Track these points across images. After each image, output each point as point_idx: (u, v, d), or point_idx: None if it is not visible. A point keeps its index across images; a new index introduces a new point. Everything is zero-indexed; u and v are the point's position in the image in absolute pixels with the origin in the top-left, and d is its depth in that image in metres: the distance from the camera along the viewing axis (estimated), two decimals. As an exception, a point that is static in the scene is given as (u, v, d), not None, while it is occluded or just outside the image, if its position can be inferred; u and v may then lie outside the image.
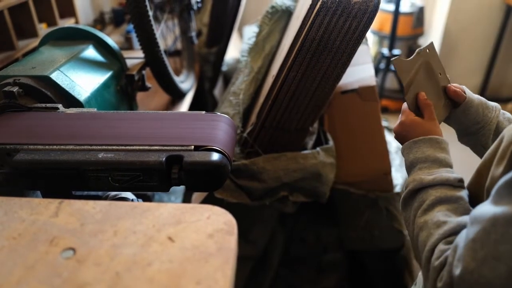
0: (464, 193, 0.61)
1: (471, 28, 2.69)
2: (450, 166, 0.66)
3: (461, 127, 0.78)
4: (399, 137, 0.73)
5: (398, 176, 1.24)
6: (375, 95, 1.17)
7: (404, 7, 2.58)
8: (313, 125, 1.08)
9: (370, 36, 2.76)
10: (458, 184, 0.61)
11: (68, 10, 1.53)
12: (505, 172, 0.50)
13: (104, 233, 0.49)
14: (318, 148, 1.08)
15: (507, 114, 0.78)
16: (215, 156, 0.62)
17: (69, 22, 1.49)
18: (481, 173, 0.60)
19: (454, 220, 0.56)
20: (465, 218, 0.55)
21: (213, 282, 0.43)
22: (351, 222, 1.27)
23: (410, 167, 0.68)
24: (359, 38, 0.86)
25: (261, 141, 1.06)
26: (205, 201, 1.09)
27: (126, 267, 0.45)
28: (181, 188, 1.59)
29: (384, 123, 1.35)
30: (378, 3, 0.81)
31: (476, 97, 0.77)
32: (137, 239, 0.49)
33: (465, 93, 0.77)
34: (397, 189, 1.20)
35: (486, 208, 0.46)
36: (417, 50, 0.76)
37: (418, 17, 2.60)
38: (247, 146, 1.08)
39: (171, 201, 1.59)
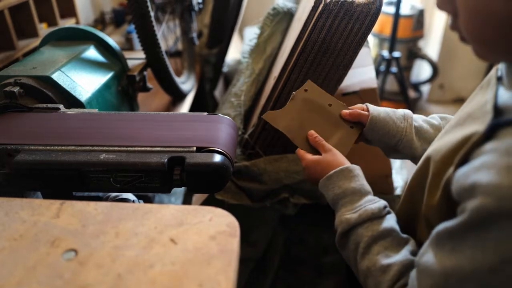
0: (392, 220, 0.60)
1: (471, 31, 2.69)
2: (369, 192, 0.65)
3: (381, 145, 0.77)
4: (312, 181, 0.71)
5: (399, 179, 1.24)
6: (376, 97, 1.17)
7: (404, 10, 2.58)
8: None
9: (370, 38, 2.76)
10: (384, 212, 0.61)
11: (69, 10, 1.53)
12: (440, 203, 0.49)
13: (106, 235, 0.49)
14: (319, 150, 1.08)
15: (422, 117, 0.76)
16: (217, 158, 0.62)
17: (69, 22, 1.49)
18: (413, 191, 0.59)
19: (397, 261, 0.55)
20: (405, 254, 0.55)
21: (215, 284, 0.43)
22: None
23: (333, 204, 0.67)
24: (361, 40, 0.86)
25: (262, 143, 1.05)
26: (205, 202, 1.09)
27: (128, 268, 0.45)
28: (182, 189, 1.59)
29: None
30: (380, 6, 0.81)
31: (383, 110, 0.75)
32: (139, 240, 0.48)
33: (368, 110, 0.75)
34: (398, 191, 1.20)
35: (431, 259, 0.45)
36: (292, 94, 0.76)
37: (418, 19, 2.61)
38: (248, 147, 1.07)
39: (171, 202, 1.59)
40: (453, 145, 0.47)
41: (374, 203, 0.62)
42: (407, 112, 0.76)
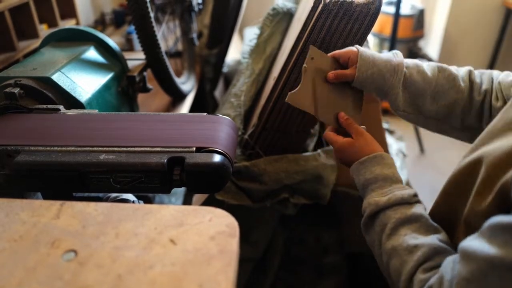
0: (421, 208, 0.60)
1: (471, 31, 2.70)
2: (400, 181, 0.65)
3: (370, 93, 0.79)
4: (344, 163, 0.73)
5: (399, 179, 1.24)
6: (376, 98, 1.17)
7: (405, 10, 2.58)
8: (314, 127, 1.08)
9: (370, 38, 2.76)
10: (413, 199, 0.61)
11: (69, 11, 1.53)
12: (491, 208, 0.47)
13: (106, 235, 0.49)
14: (319, 150, 1.08)
15: (418, 65, 0.75)
16: (217, 158, 0.62)
17: (69, 23, 1.49)
18: (451, 196, 0.58)
19: (425, 242, 0.54)
20: (434, 239, 0.54)
21: (215, 284, 0.43)
22: (352, 224, 1.26)
23: (362, 189, 0.68)
24: (361, 40, 0.86)
25: (262, 143, 1.05)
26: (205, 203, 1.09)
27: (128, 269, 0.45)
28: (182, 189, 1.59)
29: (384, 125, 1.35)
30: (380, 6, 0.81)
31: (372, 63, 0.73)
32: (139, 241, 0.48)
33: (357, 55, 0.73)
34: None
35: (480, 245, 0.43)
36: (302, 67, 0.74)
37: (419, 19, 2.61)
38: (248, 147, 1.07)
39: (171, 202, 1.59)
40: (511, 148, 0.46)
41: (404, 189, 0.62)
42: (400, 62, 0.75)
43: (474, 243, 0.45)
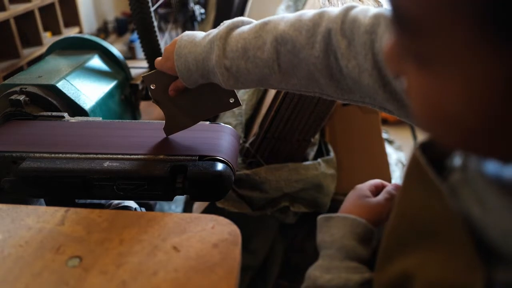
0: None
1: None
2: (359, 259, 0.51)
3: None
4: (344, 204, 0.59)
5: (398, 188, 1.25)
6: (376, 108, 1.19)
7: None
8: (315, 136, 1.09)
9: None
10: None
11: (73, 19, 1.55)
12: None
13: (110, 242, 0.50)
14: (319, 160, 1.09)
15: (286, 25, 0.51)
16: (220, 167, 0.63)
17: (73, 31, 1.51)
18: None
19: None
20: None
21: (217, 291, 0.44)
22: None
23: (318, 248, 0.56)
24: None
25: (263, 152, 1.06)
26: (206, 210, 1.10)
27: (132, 275, 0.45)
28: (182, 196, 1.59)
29: (384, 135, 1.36)
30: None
31: (184, 60, 0.56)
32: (143, 248, 0.49)
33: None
34: (397, 201, 1.21)
35: None
36: (152, 102, 0.68)
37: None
38: (249, 156, 1.08)
39: (172, 209, 1.59)
40: None
41: (355, 272, 0.50)
42: (217, 35, 0.54)
43: None
